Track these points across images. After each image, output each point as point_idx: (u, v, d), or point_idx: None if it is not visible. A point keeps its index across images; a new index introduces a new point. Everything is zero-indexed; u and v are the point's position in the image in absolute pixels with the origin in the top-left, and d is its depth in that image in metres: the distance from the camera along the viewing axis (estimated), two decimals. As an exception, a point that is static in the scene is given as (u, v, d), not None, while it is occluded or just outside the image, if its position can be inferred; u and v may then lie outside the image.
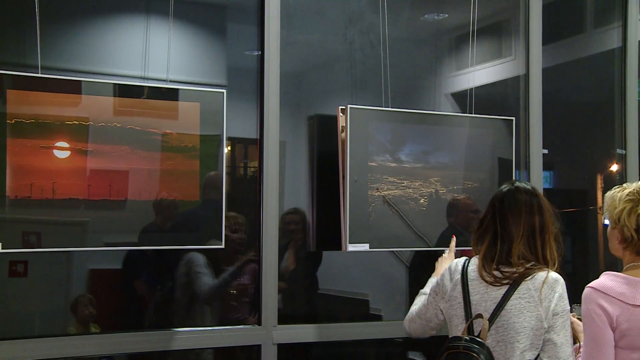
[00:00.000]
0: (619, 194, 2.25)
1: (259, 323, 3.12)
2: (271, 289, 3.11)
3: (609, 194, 2.30)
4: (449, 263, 2.42)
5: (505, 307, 2.23)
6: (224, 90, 2.89)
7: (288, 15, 3.31)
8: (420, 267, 3.72)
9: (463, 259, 2.38)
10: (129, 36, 3.13)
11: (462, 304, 2.29)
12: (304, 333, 3.21)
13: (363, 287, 3.69)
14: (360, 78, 3.58)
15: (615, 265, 3.99)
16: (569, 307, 2.23)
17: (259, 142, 3.19)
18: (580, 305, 2.26)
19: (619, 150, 4.07)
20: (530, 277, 2.22)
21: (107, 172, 2.67)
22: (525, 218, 2.27)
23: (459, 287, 2.30)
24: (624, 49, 4.07)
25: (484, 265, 2.28)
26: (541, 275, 2.22)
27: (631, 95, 4.03)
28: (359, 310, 3.67)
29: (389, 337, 3.52)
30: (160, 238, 2.77)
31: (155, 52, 3.04)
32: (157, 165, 2.75)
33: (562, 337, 2.19)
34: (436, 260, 2.78)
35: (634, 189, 2.23)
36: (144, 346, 2.92)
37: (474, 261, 2.33)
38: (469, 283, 2.30)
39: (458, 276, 2.32)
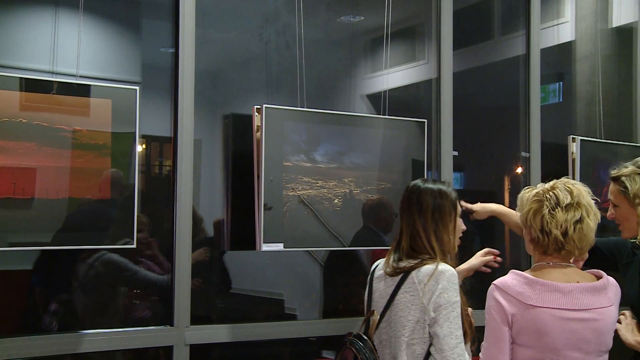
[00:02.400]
0: (527, 195, 2.28)
1: (170, 324, 3.07)
2: (184, 289, 3.07)
3: (520, 195, 2.32)
4: None
5: (393, 302, 2.31)
6: (137, 87, 2.83)
7: (203, 13, 3.28)
8: (335, 267, 3.76)
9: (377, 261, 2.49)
10: (36, 29, 3.02)
11: (367, 302, 2.45)
12: (218, 333, 3.19)
13: (278, 287, 3.70)
14: (276, 78, 3.58)
15: (519, 265, 4.16)
16: (456, 299, 2.26)
17: (172, 141, 3.14)
18: None
19: (523, 153, 4.21)
20: (416, 270, 2.29)
21: (11, 169, 2.57)
22: (417, 213, 2.37)
23: (367, 287, 2.45)
24: (527, 56, 4.21)
25: (388, 259, 2.40)
26: (428, 267, 2.28)
27: (534, 101, 4.17)
28: (274, 309, 3.67)
29: (303, 337, 3.53)
30: (70, 237, 2.68)
31: (65, 46, 2.95)
32: (66, 162, 2.66)
33: (445, 330, 2.22)
34: (351, 259, 2.86)
35: (540, 191, 2.25)
36: (50, 350, 2.82)
37: (384, 260, 2.44)
38: (374, 281, 2.43)
39: (368, 277, 2.47)
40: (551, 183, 2.27)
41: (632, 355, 2.44)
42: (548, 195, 2.21)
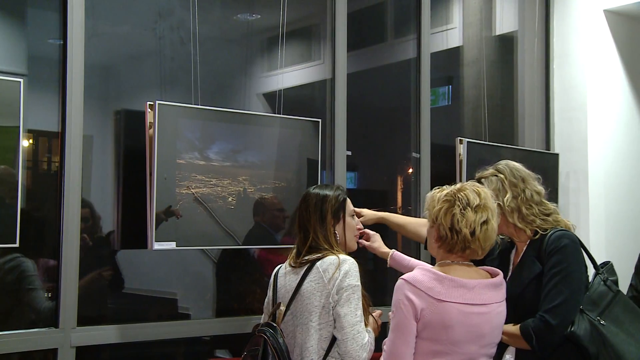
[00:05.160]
0: (438, 195, 2.36)
1: (55, 325, 2.97)
2: (70, 289, 2.97)
3: (429, 194, 2.41)
4: None
5: (299, 292, 2.47)
6: (22, 80, 2.72)
7: (94, 5, 3.18)
8: (230, 265, 3.75)
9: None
10: None
11: (272, 299, 2.58)
12: (106, 334, 3.10)
13: (171, 286, 3.65)
14: (169, 74, 3.53)
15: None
16: (357, 284, 2.43)
17: (60, 136, 3.04)
18: None
19: (413, 154, 4.33)
20: (320, 261, 2.47)
21: None
22: (305, 216, 2.61)
23: (271, 287, 2.62)
24: (418, 59, 4.33)
25: (290, 257, 2.59)
26: (331, 257, 2.47)
27: (424, 103, 4.30)
28: (167, 309, 3.62)
29: (197, 336, 3.50)
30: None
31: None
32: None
33: (345, 309, 2.39)
34: (245, 258, 2.92)
35: (451, 191, 2.35)
36: None
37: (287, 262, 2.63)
38: (278, 279, 2.59)
39: (271, 279, 2.63)
40: (458, 185, 2.38)
41: None
42: (459, 196, 2.32)
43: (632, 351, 2.46)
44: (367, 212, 3.16)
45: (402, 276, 2.29)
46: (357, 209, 2.99)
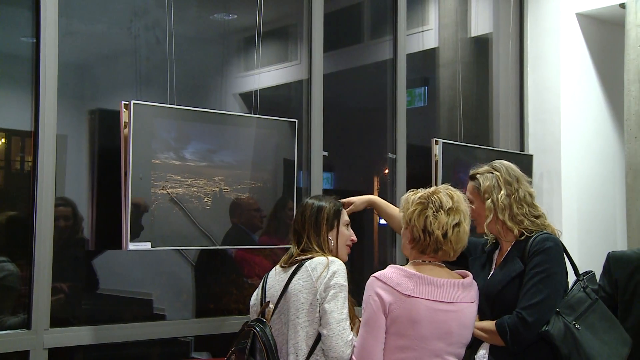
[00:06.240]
0: (412, 197, 2.42)
1: (28, 327, 2.93)
2: (43, 290, 2.93)
3: (404, 196, 2.46)
4: None
5: (287, 290, 2.51)
6: (-8, 78, 2.68)
7: (67, 2, 3.15)
8: (206, 266, 3.74)
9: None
10: None
11: (261, 298, 2.63)
12: (80, 336, 3.07)
13: (147, 287, 3.62)
14: (145, 74, 3.51)
15: (385, 263, 4.31)
16: (344, 284, 2.46)
17: (33, 135, 3.00)
18: None
19: (390, 155, 4.36)
20: (309, 260, 2.52)
21: None
22: (301, 224, 2.67)
23: (260, 287, 2.67)
24: (394, 60, 4.36)
25: (285, 258, 2.65)
26: (320, 258, 2.53)
27: (400, 104, 4.32)
28: (142, 310, 3.59)
29: (172, 337, 3.48)
30: None
31: None
32: None
33: (332, 305, 2.42)
34: (222, 258, 2.92)
35: (424, 194, 2.40)
36: None
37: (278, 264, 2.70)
38: (268, 280, 2.65)
39: (261, 282, 2.69)
40: (432, 189, 2.44)
41: (472, 341, 2.62)
42: (433, 199, 2.37)
43: (604, 358, 2.50)
44: (356, 199, 3.11)
45: (374, 274, 2.35)
46: (345, 199, 3.00)
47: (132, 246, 2.95)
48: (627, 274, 3.45)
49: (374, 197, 3.17)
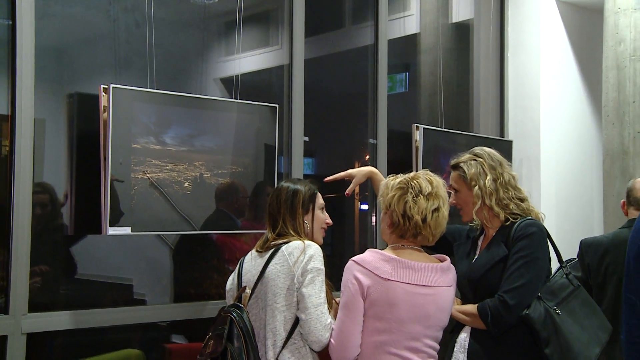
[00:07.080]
0: (392, 182, 2.44)
1: (5, 312, 2.91)
2: (21, 274, 2.91)
3: (384, 181, 2.48)
4: None
5: (264, 275, 2.51)
6: (-33, 61, 2.64)
7: (44, -15, 3.12)
8: (187, 251, 3.73)
9: None
10: None
11: (237, 283, 2.61)
12: (59, 320, 3.06)
13: (127, 272, 3.61)
14: (124, 57, 3.47)
15: (366, 248, 4.33)
16: (321, 267, 2.46)
17: (10, 119, 2.96)
18: None
19: (371, 140, 4.36)
20: (286, 245, 2.51)
21: None
22: (276, 207, 2.64)
23: (236, 272, 2.65)
24: (375, 46, 4.35)
25: (261, 242, 2.63)
26: (296, 242, 2.52)
27: (381, 90, 4.33)
28: (122, 295, 3.58)
29: (152, 322, 3.48)
30: None
31: None
32: None
33: (310, 289, 2.42)
34: (202, 243, 2.90)
35: (404, 179, 2.42)
36: None
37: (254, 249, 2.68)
38: (244, 265, 2.63)
39: (237, 266, 2.66)
40: (412, 174, 2.46)
41: (454, 324, 2.65)
42: (412, 184, 2.40)
43: (583, 343, 2.53)
44: (356, 171, 3.10)
45: (352, 257, 2.38)
46: (343, 172, 3.02)
47: (112, 231, 2.93)
48: (597, 258, 3.52)
49: (374, 170, 3.13)
